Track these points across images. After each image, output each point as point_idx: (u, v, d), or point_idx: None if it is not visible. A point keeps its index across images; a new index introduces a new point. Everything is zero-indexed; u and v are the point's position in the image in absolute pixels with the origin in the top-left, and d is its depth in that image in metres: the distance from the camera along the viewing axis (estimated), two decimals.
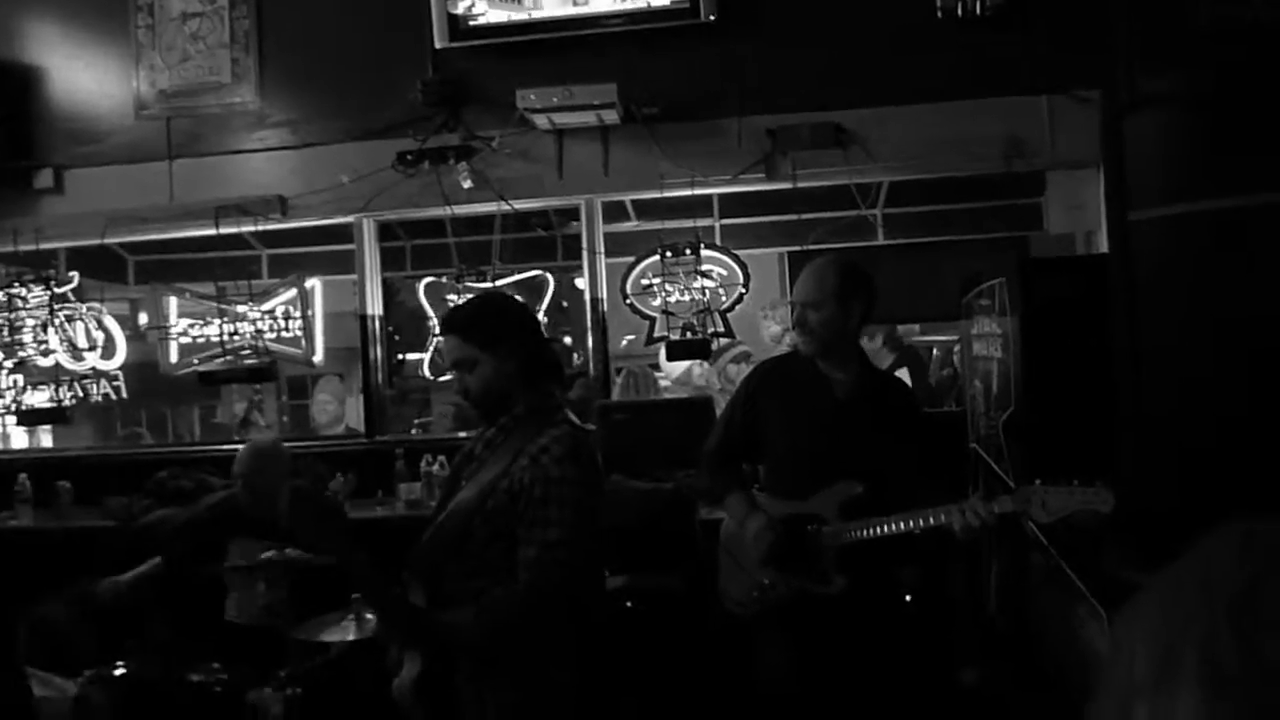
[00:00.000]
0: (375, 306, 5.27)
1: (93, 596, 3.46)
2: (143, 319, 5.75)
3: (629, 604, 3.73)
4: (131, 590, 3.51)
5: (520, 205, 5.01)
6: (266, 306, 5.22)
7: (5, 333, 5.31)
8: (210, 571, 3.54)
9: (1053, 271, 3.73)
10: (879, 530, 2.59)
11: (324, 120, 5.14)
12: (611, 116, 4.64)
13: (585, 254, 5.01)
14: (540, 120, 4.69)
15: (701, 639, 3.53)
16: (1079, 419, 3.26)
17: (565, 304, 5.88)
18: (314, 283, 5.27)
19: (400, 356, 5.94)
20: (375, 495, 4.75)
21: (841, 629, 2.65)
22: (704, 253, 4.80)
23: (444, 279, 5.20)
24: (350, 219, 5.18)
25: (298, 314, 5.17)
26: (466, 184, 4.86)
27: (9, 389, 5.35)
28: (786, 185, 4.79)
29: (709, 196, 5.46)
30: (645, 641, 3.62)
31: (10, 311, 5.30)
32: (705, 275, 4.78)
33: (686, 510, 3.96)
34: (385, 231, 5.52)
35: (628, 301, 4.91)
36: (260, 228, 5.24)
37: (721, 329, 4.82)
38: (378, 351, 5.27)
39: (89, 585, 3.58)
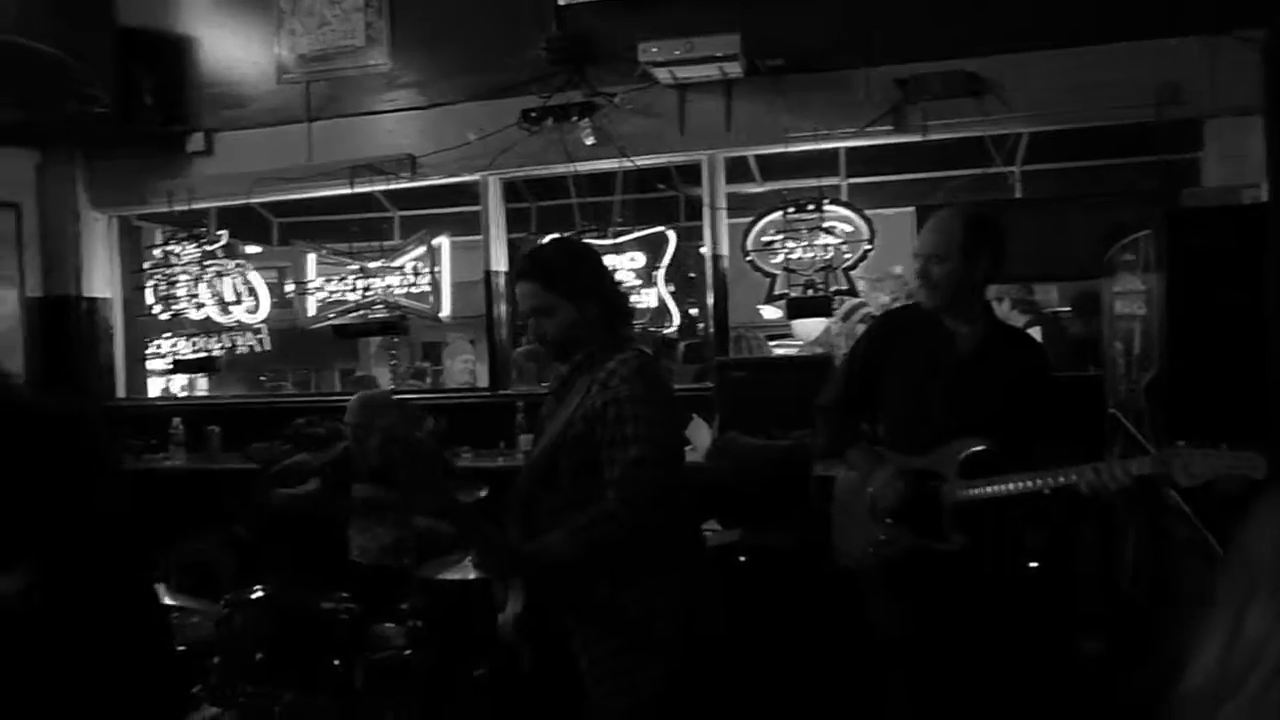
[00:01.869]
0: (500, 263, 5.37)
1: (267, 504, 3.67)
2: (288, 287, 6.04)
3: (742, 559, 3.72)
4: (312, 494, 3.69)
5: (642, 161, 5.00)
6: (397, 263, 5.41)
7: (162, 287, 5.68)
8: (338, 513, 3.73)
9: (1204, 223, 3.45)
10: (1002, 489, 2.48)
11: (451, 80, 5.25)
12: (734, 69, 4.56)
13: (706, 210, 4.96)
14: (662, 74, 4.66)
15: (814, 595, 3.48)
16: (1228, 381, 3.03)
17: (692, 275, 5.85)
18: (442, 240, 5.41)
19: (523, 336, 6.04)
20: (497, 446, 4.87)
21: (958, 588, 2.56)
22: (828, 208, 4.68)
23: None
24: (476, 177, 5.29)
25: (427, 270, 5.33)
26: (589, 140, 4.89)
27: (166, 340, 5.73)
28: (916, 138, 4.61)
29: (834, 152, 5.32)
30: (757, 597, 3.60)
31: (166, 267, 5.66)
32: (829, 231, 4.66)
33: (802, 467, 3.90)
34: (511, 193, 5.62)
35: (748, 258, 4.84)
36: (391, 186, 5.40)
37: (845, 287, 4.70)
38: (502, 308, 5.38)
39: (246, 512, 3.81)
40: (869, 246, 4.72)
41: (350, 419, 3.72)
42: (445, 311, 5.40)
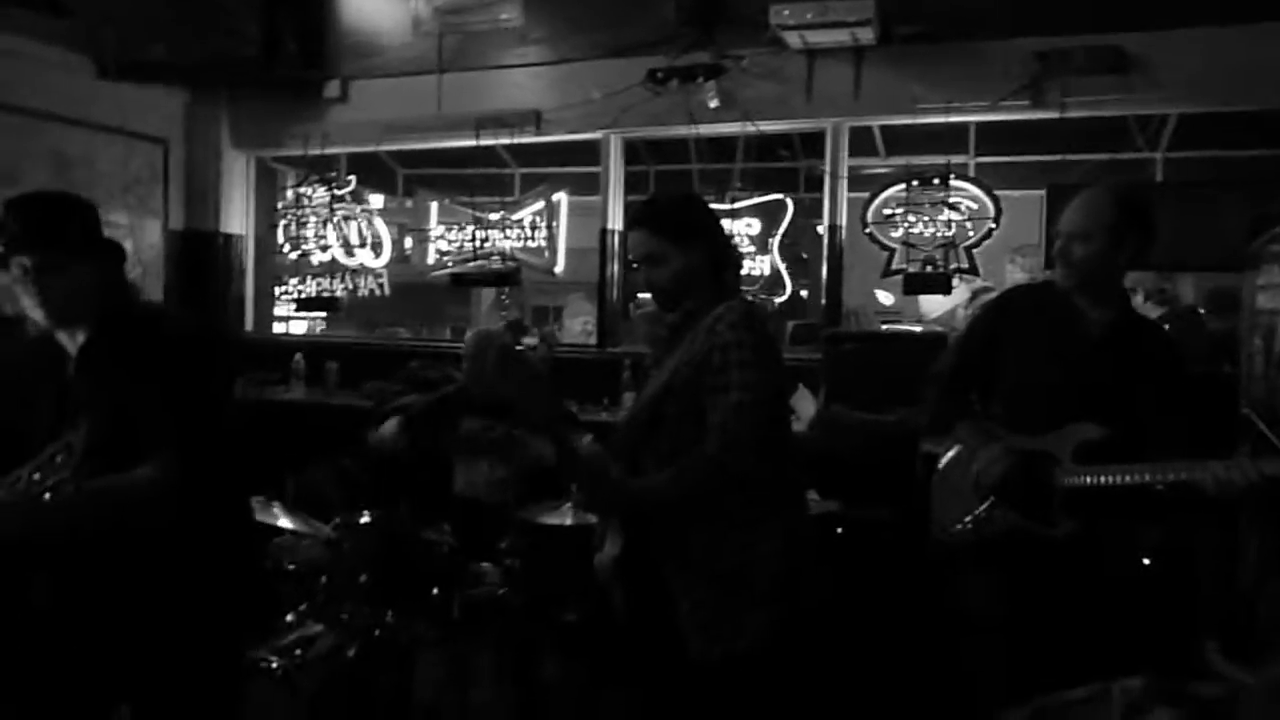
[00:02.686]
0: (616, 222, 5.41)
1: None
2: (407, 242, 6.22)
3: (839, 530, 3.68)
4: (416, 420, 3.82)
5: (765, 127, 4.94)
6: (516, 217, 5.50)
7: (292, 228, 5.92)
8: (444, 448, 3.84)
9: None
10: (1119, 479, 2.38)
11: (580, 37, 5.28)
12: (867, 35, 4.45)
13: (827, 178, 4.88)
14: (792, 38, 4.58)
15: (910, 572, 3.43)
16: None
17: (805, 255, 5.77)
18: (561, 196, 5.48)
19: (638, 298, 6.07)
20: (602, 403, 4.93)
21: (1062, 576, 2.48)
22: (955, 183, 4.54)
23: None
24: (598, 135, 5.32)
25: (544, 225, 5.41)
26: (713, 104, 4.85)
27: (293, 278, 5.98)
28: (1054, 114, 4.42)
29: (964, 128, 5.15)
30: (852, 569, 3.57)
31: (297, 209, 5.90)
32: (953, 207, 4.53)
33: (908, 444, 3.82)
34: (630, 156, 5.63)
35: (867, 230, 4.75)
36: (515, 140, 5.48)
37: (966, 265, 4.56)
38: (615, 267, 5.42)
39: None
40: (994, 226, 4.57)
41: (466, 350, 3.83)
42: (559, 267, 5.48)
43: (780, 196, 5.09)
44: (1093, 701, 1.55)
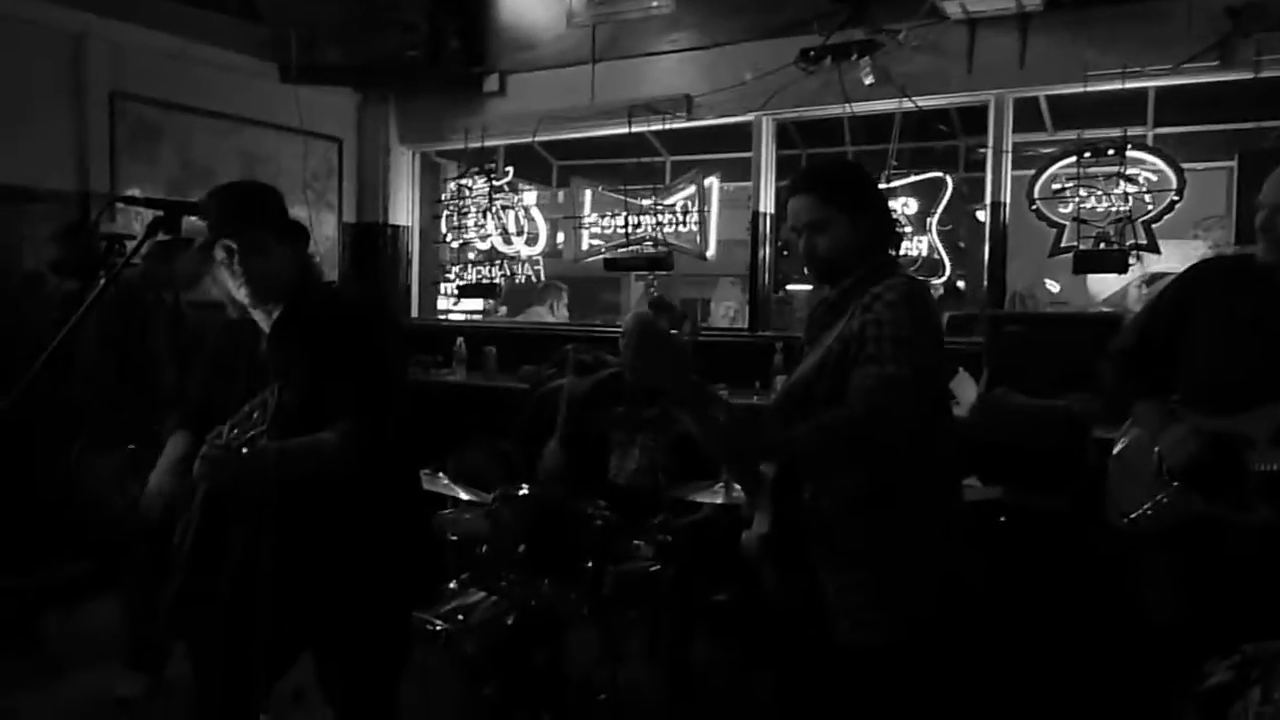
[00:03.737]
0: (767, 205, 5.35)
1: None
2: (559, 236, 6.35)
3: (1002, 519, 3.52)
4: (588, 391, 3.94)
5: (923, 102, 4.77)
6: (668, 202, 5.53)
7: (453, 218, 6.16)
8: (598, 433, 3.91)
9: None
10: None
11: (731, 19, 5.25)
12: (1033, 0, 4.23)
13: (989, 153, 4.67)
14: (952, 8, 4.40)
15: (1081, 564, 3.25)
16: None
17: (962, 244, 5.54)
18: (712, 180, 5.47)
19: (785, 290, 6.01)
20: (753, 386, 4.90)
21: (1256, 566, 2.30)
22: (1132, 153, 4.25)
23: None
24: (749, 117, 5.28)
25: (695, 210, 5.42)
26: (868, 80, 4.73)
27: (454, 266, 6.23)
28: (1246, 74, 4.07)
29: (1142, 96, 4.81)
30: (1016, 560, 3.41)
31: (459, 199, 6.13)
32: (1130, 180, 4.24)
33: (1080, 430, 3.62)
34: (782, 140, 5.55)
35: (1033, 207, 4.51)
36: (667, 126, 5.51)
37: (1144, 241, 4.27)
38: (766, 251, 5.38)
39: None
40: (1176, 198, 4.25)
41: (624, 328, 3.88)
42: (711, 250, 5.47)
43: (939, 174, 4.90)
44: None
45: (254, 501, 2.06)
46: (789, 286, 6.43)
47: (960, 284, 5.64)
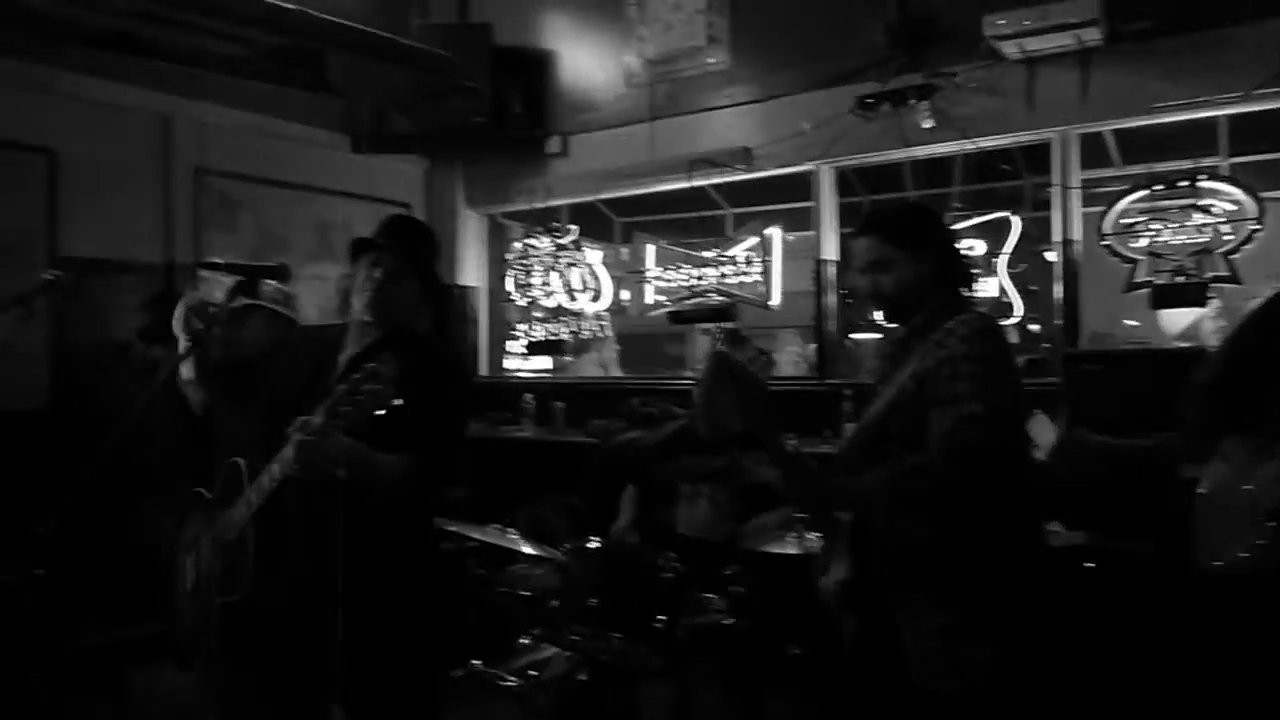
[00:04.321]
0: (830, 252, 5.34)
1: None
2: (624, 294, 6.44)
3: (1087, 564, 3.40)
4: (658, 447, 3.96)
5: (984, 143, 4.74)
6: (730, 253, 5.56)
7: (520, 277, 6.28)
8: (667, 484, 3.90)
9: None
10: None
11: (786, 71, 5.31)
12: (1093, 36, 4.19)
13: (1056, 190, 4.60)
14: (1009, 48, 4.39)
15: (1172, 610, 3.11)
16: None
17: (1034, 287, 5.44)
18: (774, 230, 5.48)
19: (851, 337, 5.96)
20: (821, 434, 4.84)
21: None
22: (1205, 184, 4.15)
23: None
24: (809, 166, 5.30)
25: (758, 259, 5.43)
26: (927, 124, 4.72)
27: (522, 323, 6.33)
28: None
29: (1212, 126, 4.70)
30: (1104, 606, 3.28)
31: (525, 258, 6.25)
32: (1205, 210, 4.13)
33: (1164, 469, 3.49)
34: (843, 188, 5.56)
35: (1105, 243, 4.41)
36: (726, 179, 5.56)
37: (1225, 273, 4.14)
38: (831, 298, 5.35)
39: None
40: (1257, 227, 4.12)
41: (699, 376, 3.89)
42: (775, 300, 5.46)
43: (1005, 214, 4.84)
44: None
45: (324, 498, 2.08)
46: (853, 335, 6.37)
47: (1033, 326, 5.51)
